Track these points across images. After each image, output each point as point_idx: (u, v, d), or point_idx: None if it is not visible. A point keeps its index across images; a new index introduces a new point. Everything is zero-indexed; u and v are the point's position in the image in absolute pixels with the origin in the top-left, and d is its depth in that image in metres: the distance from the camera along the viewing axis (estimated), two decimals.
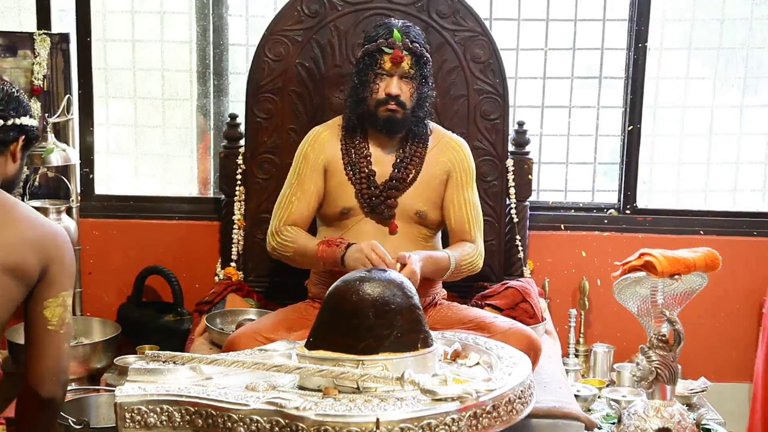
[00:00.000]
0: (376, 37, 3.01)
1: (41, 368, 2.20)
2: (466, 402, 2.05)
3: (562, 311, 3.77)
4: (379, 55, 2.98)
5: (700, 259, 2.83)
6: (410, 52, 2.98)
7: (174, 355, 2.33)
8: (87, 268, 3.79)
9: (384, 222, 3.05)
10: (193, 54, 3.90)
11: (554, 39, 3.85)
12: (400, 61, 2.97)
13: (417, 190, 3.08)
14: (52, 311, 2.18)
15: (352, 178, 3.06)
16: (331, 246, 2.91)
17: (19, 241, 2.12)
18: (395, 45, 2.97)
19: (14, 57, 3.66)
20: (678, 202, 3.98)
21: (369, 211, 3.05)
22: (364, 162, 3.07)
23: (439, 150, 3.13)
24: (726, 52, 3.89)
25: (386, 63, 2.98)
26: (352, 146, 3.09)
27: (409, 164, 3.08)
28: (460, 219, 3.12)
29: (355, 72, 3.07)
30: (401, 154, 3.09)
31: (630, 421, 2.84)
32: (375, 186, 3.05)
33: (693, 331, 3.31)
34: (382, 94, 2.99)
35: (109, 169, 3.97)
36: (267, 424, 2.01)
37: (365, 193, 3.04)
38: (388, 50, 2.97)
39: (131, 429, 2.12)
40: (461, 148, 3.18)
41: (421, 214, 3.08)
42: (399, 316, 2.23)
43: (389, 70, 2.98)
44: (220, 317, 3.30)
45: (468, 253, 3.08)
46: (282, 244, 3.06)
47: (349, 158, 3.08)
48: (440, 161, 3.12)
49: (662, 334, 2.83)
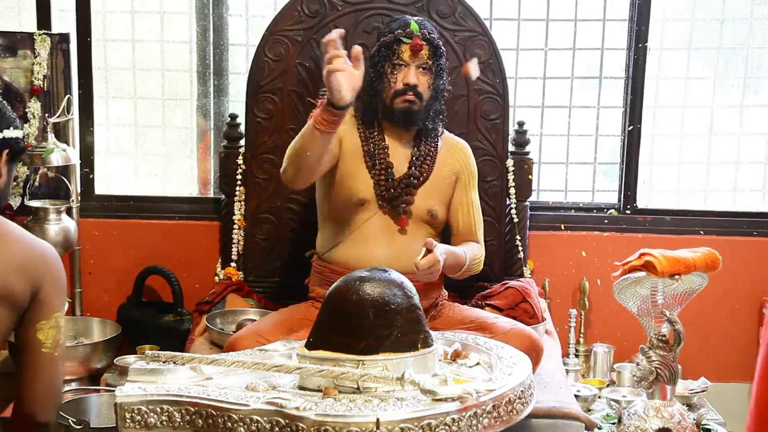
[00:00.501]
0: (393, 30, 3.00)
1: (36, 392, 2.11)
2: (466, 402, 2.05)
3: (562, 311, 3.77)
4: (397, 46, 2.97)
5: (700, 259, 2.83)
6: (428, 42, 2.99)
7: (174, 355, 2.33)
8: (87, 268, 3.79)
9: (396, 220, 3.04)
10: (193, 54, 3.90)
11: (554, 39, 3.85)
12: (419, 50, 2.96)
13: (429, 189, 3.08)
14: (46, 333, 2.10)
15: (371, 167, 3.03)
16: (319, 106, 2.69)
17: (5, 265, 2.01)
18: (413, 34, 2.97)
19: (14, 57, 3.66)
20: (678, 202, 3.98)
21: (386, 204, 3.02)
22: (382, 154, 3.05)
23: (447, 151, 3.14)
24: (726, 52, 3.89)
25: (405, 53, 2.97)
26: (370, 136, 3.07)
27: (424, 162, 3.07)
28: (467, 221, 3.15)
29: (370, 65, 3.03)
30: (417, 152, 3.08)
31: (630, 421, 2.84)
32: (393, 179, 3.03)
33: (693, 331, 3.31)
34: (400, 85, 2.98)
35: (109, 169, 3.97)
36: (267, 425, 2.01)
37: (383, 185, 3.02)
38: (406, 40, 2.96)
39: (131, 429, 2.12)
40: (467, 151, 3.20)
41: (433, 213, 3.08)
42: (399, 316, 2.23)
43: (407, 60, 2.97)
44: (220, 317, 3.30)
45: (476, 253, 3.12)
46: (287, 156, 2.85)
47: (368, 147, 3.05)
48: (449, 163, 3.13)
49: (662, 334, 2.83)
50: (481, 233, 3.19)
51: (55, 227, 3.47)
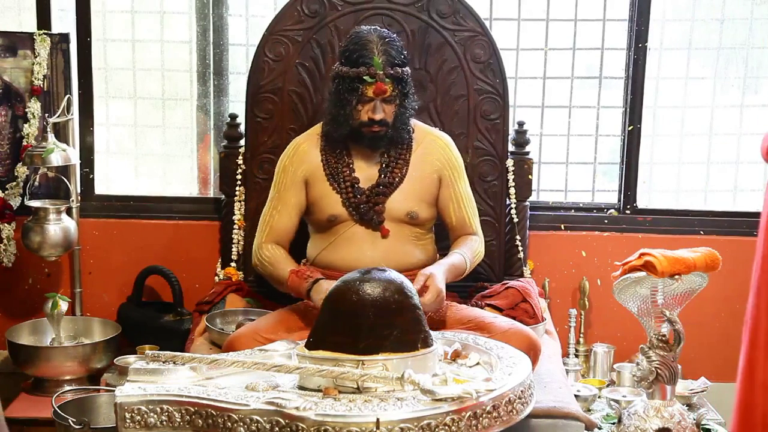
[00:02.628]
0: (356, 61, 2.95)
1: None
2: (466, 402, 2.06)
3: (562, 311, 3.77)
4: (361, 84, 2.94)
5: (700, 259, 2.83)
6: (392, 78, 2.96)
7: (174, 355, 2.33)
8: (87, 268, 3.79)
9: (374, 227, 3.06)
10: (193, 54, 3.90)
11: (554, 39, 3.85)
12: (383, 92, 2.95)
13: (406, 191, 3.08)
14: None
15: (336, 187, 3.07)
16: (300, 277, 2.94)
17: None
18: (377, 75, 2.93)
19: (14, 57, 3.66)
20: (678, 202, 3.98)
21: (358, 218, 3.05)
22: (347, 170, 3.07)
23: (425, 149, 3.13)
24: (726, 52, 3.88)
25: (368, 91, 2.95)
26: (332, 156, 3.09)
27: (394, 168, 3.08)
28: (460, 216, 3.16)
29: (333, 91, 3.03)
30: (386, 159, 3.09)
31: (630, 421, 2.84)
32: (361, 193, 3.05)
33: (693, 331, 3.31)
34: (365, 117, 2.98)
35: (109, 169, 3.96)
36: (267, 424, 2.01)
37: (352, 201, 3.05)
38: (369, 80, 2.94)
39: (131, 429, 2.12)
40: (447, 145, 3.18)
41: (413, 215, 3.08)
42: (399, 316, 2.23)
43: (372, 96, 2.96)
44: (220, 317, 3.30)
45: (475, 247, 3.14)
46: (261, 263, 3.11)
47: (330, 168, 3.08)
48: (428, 160, 3.12)
49: (662, 334, 2.83)
50: (477, 222, 3.20)
51: (55, 227, 3.47)
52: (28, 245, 3.49)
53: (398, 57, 2.99)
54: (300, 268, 3.01)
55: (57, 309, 3.39)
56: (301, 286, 2.92)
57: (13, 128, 3.65)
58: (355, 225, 3.06)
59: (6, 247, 3.64)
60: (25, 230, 3.48)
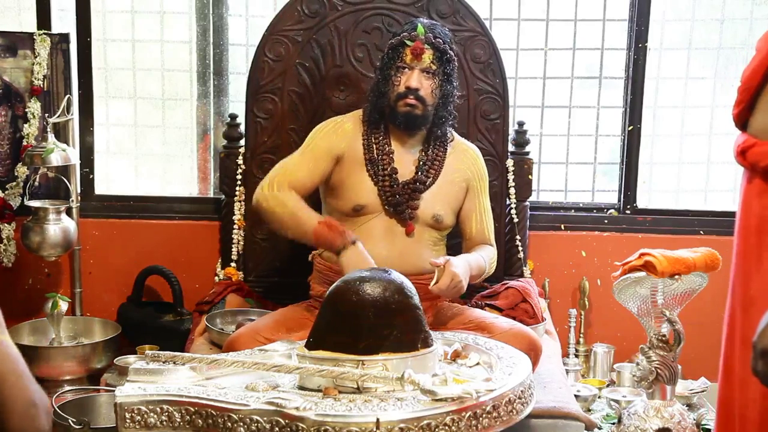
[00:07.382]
0: (401, 33, 3.01)
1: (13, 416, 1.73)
2: (466, 402, 2.06)
3: (562, 311, 3.77)
4: (402, 48, 2.98)
5: (700, 259, 2.83)
6: (432, 47, 2.98)
7: (174, 355, 2.33)
8: (87, 268, 3.79)
9: (401, 222, 3.04)
10: (193, 54, 3.90)
11: (554, 39, 3.85)
12: (420, 53, 2.96)
13: (435, 193, 3.07)
14: None
15: (374, 175, 3.03)
16: (333, 231, 2.84)
17: None
18: (417, 38, 2.97)
19: (14, 57, 3.66)
20: (678, 202, 3.98)
21: (391, 210, 3.02)
22: (387, 159, 3.04)
23: (456, 157, 3.14)
24: (726, 52, 3.89)
25: (407, 56, 2.97)
26: (374, 142, 3.06)
27: (431, 167, 3.07)
28: (480, 229, 3.17)
29: (378, 67, 3.08)
30: (424, 156, 3.08)
31: (630, 421, 2.84)
32: (397, 184, 3.03)
33: (693, 331, 3.31)
34: (402, 88, 2.98)
35: (109, 169, 3.97)
36: (267, 425, 2.01)
37: (388, 191, 3.02)
38: (409, 42, 2.96)
39: (131, 429, 2.12)
40: (477, 157, 3.20)
41: (438, 218, 3.07)
42: (399, 316, 2.23)
43: (410, 63, 2.97)
44: (220, 317, 3.30)
45: (491, 256, 3.16)
46: (277, 199, 2.95)
47: (370, 154, 3.05)
48: (459, 169, 3.12)
49: (662, 334, 2.83)
50: (493, 235, 3.23)
51: (55, 227, 3.47)
52: (28, 245, 3.49)
53: (443, 36, 3.02)
54: (332, 221, 2.89)
55: (57, 309, 3.39)
56: (334, 240, 2.81)
57: (13, 128, 3.65)
58: (380, 217, 3.03)
59: (6, 247, 3.64)
60: (25, 230, 3.49)
